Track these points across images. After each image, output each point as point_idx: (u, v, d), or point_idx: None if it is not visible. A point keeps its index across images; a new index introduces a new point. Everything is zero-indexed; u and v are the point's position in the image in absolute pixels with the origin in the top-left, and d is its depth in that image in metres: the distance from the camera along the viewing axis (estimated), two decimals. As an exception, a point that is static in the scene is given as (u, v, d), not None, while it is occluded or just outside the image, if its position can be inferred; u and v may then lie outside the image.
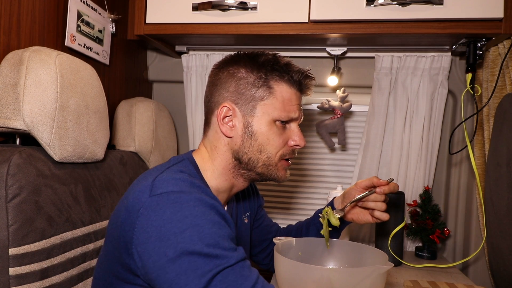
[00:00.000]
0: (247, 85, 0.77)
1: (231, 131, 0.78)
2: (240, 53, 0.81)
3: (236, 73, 0.78)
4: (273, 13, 1.22)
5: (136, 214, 0.64)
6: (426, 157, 1.40)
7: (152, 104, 1.33)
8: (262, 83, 0.77)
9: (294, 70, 0.79)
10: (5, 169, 0.73)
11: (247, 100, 0.77)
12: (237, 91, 0.77)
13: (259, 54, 0.80)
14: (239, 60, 0.80)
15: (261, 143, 0.78)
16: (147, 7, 1.29)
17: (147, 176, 0.71)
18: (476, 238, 1.33)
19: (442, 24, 1.15)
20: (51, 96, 0.81)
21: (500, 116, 1.08)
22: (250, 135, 0.77)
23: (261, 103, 0.77)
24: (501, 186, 1.04)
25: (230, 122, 0.78)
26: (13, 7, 0.90)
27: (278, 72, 0.77)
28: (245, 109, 0.77)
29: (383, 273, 0.70)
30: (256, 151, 0.78)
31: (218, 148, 0.80)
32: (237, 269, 0.62)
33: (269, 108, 0.77)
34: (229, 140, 0.79)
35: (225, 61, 0.82)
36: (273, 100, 0.77)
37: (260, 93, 0.77)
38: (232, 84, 0.78)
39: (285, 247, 0.85)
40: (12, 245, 0.72)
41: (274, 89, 0.77)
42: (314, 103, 1.55)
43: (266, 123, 0.77)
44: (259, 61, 0.78)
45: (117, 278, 0.67)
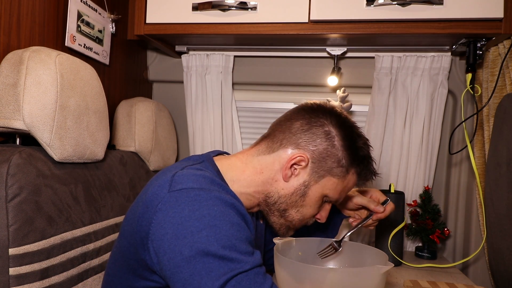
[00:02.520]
0: (334, 157, 0.76)
1: (289, 178, 0.76)
2: (346, 119, 0.79)
3: (333, 140, 0.76)
4: (273, 13, 1.22)
5: (154, 209, 0.63)
6: (426, 157, 1.40)
7: (152, 104, 1.33)
8: (343, 165, 0.76)
9: (370, 169, 0.80)
10: (5, 169, 0.73)
11: (323, 167, 0.76)
12: (322, 154, 0.75)
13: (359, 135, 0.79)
14: (342, 125, 0.77)
15: (304, 205, 0.78)
16: (147, 7, 1.29)
17: (166, 172, 0.70)
18: (476, 238, 1.33)
19: (442, 24, 1.15)
20: (51, 96, 0.81)
21: (500, 116, 1.08)
22: (302, 194, 0.77)
23: (329, 177, 0.76)
24: (501, 186, 1.04)
25: (295, 171, 0.76)
26: (13, 7, 0.90)
27: (360, 168, 0.78)
28: (316, 172, 0.76)
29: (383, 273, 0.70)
30: (295, 209, 0.78)
31: (263, 175, 0.78)
32: (251, 275, 0.61)
33: (331, 185, 0.77)
34: (281, 181, 0.77)
35: (329, 111, 0.78)
36: (339, 182, 0.77)
37: (336, 170, 0.76)
38: (323, 144, 0.75)
39: (285, 247, 0.85)
40: (12, 245, 0.72)
41: (348, 175, 0.78)
42: (314, 103, 1.55)
43: (320, 194, 0.77)
44: (356, 145, 0.77)
45: (133, 274, 0.67)
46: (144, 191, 0.69)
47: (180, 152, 1.66)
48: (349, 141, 0.77)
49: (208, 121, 1.51)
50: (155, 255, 0.62)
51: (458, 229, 1.42)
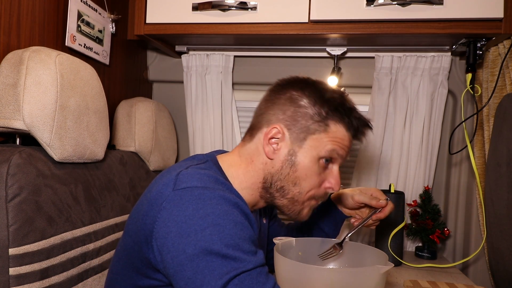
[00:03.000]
0: (306, 115, 0.75)
1: (273, 154, 0.76)
2: (308, 80, 0.79)
3: (298, 100, 0.76)
4: (273, 13, 1.22)
5: (158, 207, 0.63)
6: (426, 157, 1.40)
7: (152, 104, 1.33)
8: (320, 119, 0.75)
9: (356, 116, 0.77)
10: (5, 169, 0.73)
11: (300, 129, 0.75)
12: (293, 117, 0.75)
13: (327, 89, 0.77)
14: (305, 87, 0.77)
15: (299, 176, 0.75)
16: (147, 7, 1.29)
17: (171, 170, 0.70)
18: (476, 238, 1.33)
19: (442, 24, 1.15)
20: (51, 96, 0.81)
21: (500, 116, 1.08)
22: (291, 164, 0.75)
23: (312, 137, 0.75)
24: (501, 186, 1.04)
25: (276, 144, 0.76)
26: (13, 7, 0.90)
27: (340, 114, 0.75)
28: (296, 137, 0.75)
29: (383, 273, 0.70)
30: (291, 182, 0.76)
31: (254, 163, 0.78)
32: (254, 275, 0.61)
33: (318, 144, 0.75)
34: (268, 161, 0.77)
35: (290, 82, 0.79)
36: (324, 137, 0.75)
37: (315, 126, 0.74)
38: (290, 109, 0.75)
39: (285, 247, 0.85)
40: (12, 245, 0.72)
41: (330, 127, 0.75)
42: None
43: (310, 157, 0.75)
44: (325, 97, 0.76)
45: (137, 272, 0.67)
46: (149, 189, 0.70)
47: (180, 152, 1.66)
48: (315, 95, 0.76)
49: (208, 121, 1.51)
50: (158, 253, 0.62)
51: (458, 229, 1.42)
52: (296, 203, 0.78)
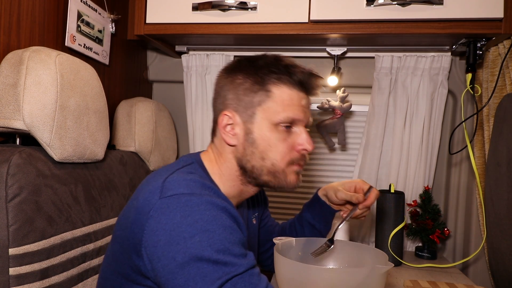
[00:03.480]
0: (245, 91, 0.74)
1: (233, 139, 0.76)
2: (241, 59, 0.79)
3: (235, 79, 0.76)
4: (273, 13, 1.22)
5: (146, 216, 0.63)
6: (426, 157, 1.40)
7: (152, 104, 1.33)
8: (259, 87, 0.74)
9: (294, 71, 0.75)
10: (5, 169, 0.73)
11: (246, 106, 0.74)
12: (236, 98, 0.75)
13: (259, 57, 0.77)
14: (239, 65, 0.77)
15: (263, 150, 0.74)
16: (147, 7, 1.29)
17: (157, 176, 0.69)
18: (476, 238, 1.33)
19: (442, 24, 1.15)
20: (51, 96, 0.81)
21: (500, 116, 1.08)
22: (252, 142, 0.75)
23: (259, 108, 0.74)
24: (501, 186, 1.04)
25: (232, 130, 0.76)
26: (13, 7, 0.90)
27: (275, 74, 0.74)
28: (245, 116, 0.75)
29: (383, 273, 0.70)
30: (259, 159, 0.75)
31: (223, 155, 0.78)
32: (246, 277, 0.61)
33: (269, 113, 0.74)
34: (233, 148, 0.77)
35: (225, 68, 0.80)
36: (271, 104, 0.74)
37: (258, 97, 0.74)
38: (230, 91, 0.76)
39: (285, 247, 0.85)
40: (12, 245, 0.72)
41: (272, 92, 0.74)
42: (314, 103, 1.55)
43: (267, 128, 0.74)
44: (257, 65, 0.75)
45: (126, 279, 0.67)
46: (135, 196, 0.69)
47: (180, 152, 1.66)
48: (247, 68, 0.76)
49: (208, 121, 1.51)
50: (149, 261, 0.62)
51: (458, 229, 1.42)
52: (276, 174, 0.76)
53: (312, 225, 1.00)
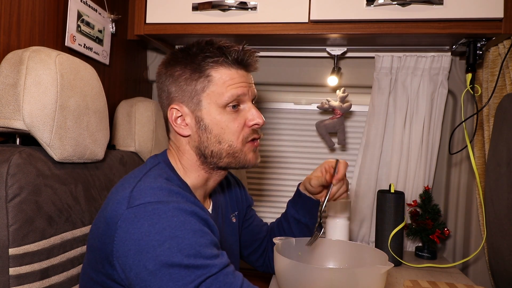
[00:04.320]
0: (186, 81, 0.76)
1: (186, 130, 0.77)
2: (175, 50, 0.80)
3: (174, 72, 0.77)
4: (273, 13, 1.22)
5: (114, 226, 0.64)
6: (426, 157, 1.40)
7: (152, 104, 1.33)
8: (199, 75, 0.75)
9: (228, 52, 0.75)
10: (5, 169, 0.73)
11: (190, 95, 0.75)
12: (179, 90, 0.76)
13: (192, 45, 0.78)
14: (174, 57, 0.78)
15: (217, 133, 0.76)
16: (147, 7, 1.29)
17: (125, 184, 0.70)
18: (476, 238, 1.33)
19: (442, 24, 1.15)
20: (51, 96, 0.81)
21: (500, 116, 1.08)
22: (204, 128, 0.76)
23: (204, 95, 0.75)
24: (501, 186, 1.04)
25: (183, 121, 0.77)
26: (13, 7, 0.90)
27: (211, 58, 0.75)
28: (192, 105, 0.76)
29: (383, 273, 0.70)
30: (216, 143, 0.76)
31: (180, 148, 0.80)
32: (220, 277, 0.62)
33: (213, 97, 0.75)
34: (188, 139, 0.78)
35: (162, 63, 0.81)
36: (214, 87, 0.75)
37: (200, 84, 0.75)
38: (172, 84, 0.77)
39: (285, 247, 0.85)
40: (12, 245, 0.72)
41: (212, 76, 0.75)
42: (314, 103, 1.55)
43: (216, 112, 0.75)
44: (192, 53, 0.76)
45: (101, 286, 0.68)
46: (105, 206, 0.70)
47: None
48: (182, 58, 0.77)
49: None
50: (122, 271, 0.63)
51: (458, 229, 1.42)
52: (235, 154, 0.77)
53: (297, 220, 1.01)
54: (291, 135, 1.61)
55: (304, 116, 1.60)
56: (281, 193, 1.64)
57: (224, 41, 0.78)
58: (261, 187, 1.65)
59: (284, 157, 1.62)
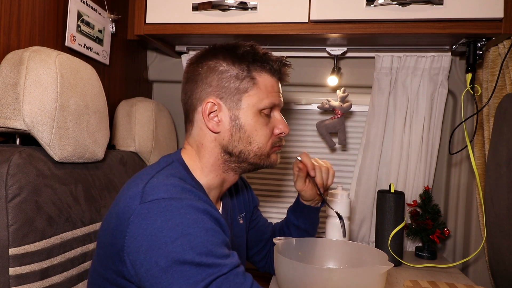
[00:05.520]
0: (230, 78, 0.76)
1: (218, 126, 0.77)
2: (216, 46, 0.80)
3: (218, 66, 0.77)
4: (273, 13, 1.22)
5: (126, 222, 0.63)
6: (426, 157, 1.40)
7: (152, 104, 1.34)
8: (245, 75, 0.77)
9: (273, 60, 0.79)
10: (5, 169, 0.73)
11: (231, 93, 0.76)
12: (220, 85, 0.77)
13: (237, 45, 0.79)
14: (218, 53, 0.79)
15: (250, 134, 0.78)
16: (147, 7, 1.29)
17: (137, 180, 0.70)
18: (476, 238, 1.33)
19: (442, 24, 1.15)
20: (51, 96, 0.81)
21: (500, 116, 1.08)
22: (239, 128, 0.77)
23: (246, 95, 0.77)
24: (501, 186, 1.04)
25: (216, 117, 0.77)
26: (13, 7, 0.90)
27: (259, 62, 0.78)
28: (231, 102, 0.77)
29: (383, 273, 0.70)
30: (246, 143, 0.78)
31: (205, 145, 0.79)
32: (230, 277, 0.62)
33: (254, 99, 0.77)
34: (216, 135, 0.78)
35: (202, 55, 0.81)
36: (257, 91, 0.77)
37: (244, 85, 0.77)
38: (214, 78, 0.77)
39: (285, 247, 0.85)
40: (12, 245, 0.72)
41: (257, 79, 0.77)
42: (314, 103, 1.55)
43: (252, 114, 0.77)
44: (239, 53, 0.78)
45: (110, 283, 0.67)
46: (116, 202, 0.69)
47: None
48: (229, 56, 0.78)
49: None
50: (132, 267, 0.63)
51: (458, 229, 1.42)
52: (262, 156, 0.81)
53: (297, 226, 1.03)
54: (291, 135, 1.61)
55: (304, 116, 1.60)
56: (282, 193, 1.64)
57: (266, 49, 0.81)
58: (261, 187, 1.65)
59: (284, 157, 1.62)
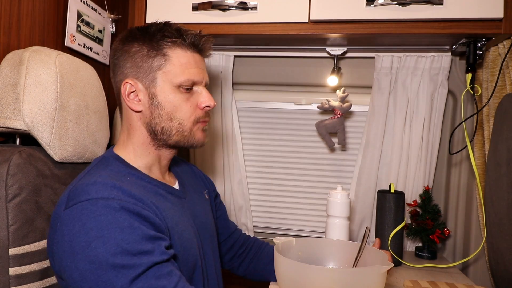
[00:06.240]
0: (143, 58, 0.77)
1: (138, 106, 0.79)
2: (132, 28, 0.82)
3: (130, 48, 0.78)
4: (273, 13, 1.22)
5: (54, 229, 0.66)
6: (426, 157, 1.40)
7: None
8: (156, 53, 0.77)
9: (186, 34, 0.79)
10: (5, 169, 0.73)
11: (146, 72, 0.77)
12: (134, 66, 0.78)
13: (149, 25, 0.80)
14: (131, 34, 0.80)
15: (169, 111, 0.78)
16: (147, 7, 1.29)
17: (68, 186, 0.72)
18: (476, 238, 1.33)
19: (442, 24, 1.15)
20: (51, 96, 0.81)
21: (500, 116, 1.08)
22: (157, 105, 0.78)
23: (160, 72, 0.77)
24: (501, 186, 1.04)
25: (136, 97, 0.78)
26: (13, 7, 0.90)
27: (169, 38, 0.77)
28: (146, 81, 0.77)
29: (383, 273, 0.70)
30: (167, 120, 0.78)
31: (132, 125, 0.81)
32: (148, 277, 0.62)
33: (169, 76, 0.77)
34: (139, 114, 0.79)
35: (119, 39, 0.82)
36: (170, 67, 0.77)
37: (157, 62, 0.77)
38: (128, 60, 0.78)
39: (285, 247, 0.85)
40: (12, 245, 0.72)
41: (169, 55, 0.77)
42: (314, 103, 1.55)
43: (169, 90, 0.77)
44: (150, 31, 0.78)
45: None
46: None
47: (179, 152, 1.66)
48: (141, 35, 0.78)
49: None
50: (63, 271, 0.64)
51: (458, 229, 1.42)
52: (184, 133, 0.80)
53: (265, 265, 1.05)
54: (291, 135, 1.61)
55: (304, 116, 1.60)
56: (281, 193, 1.64)
57: (180, 25, 0.81)
58: (261, 187, 1.65)
59: (284, 157, 1.62)
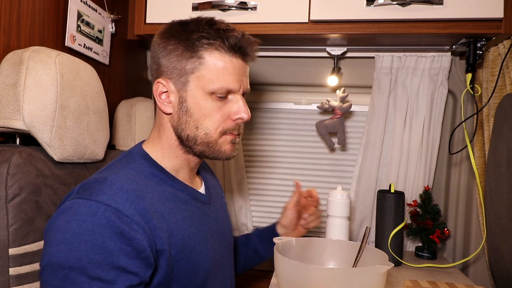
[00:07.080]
0: (177, 57, 0.71)
1: (168, 107, 0.74)
2: (173, 22, 0.75)
3: (167, 46, 0.72)
4: (273, 13, 1.22)
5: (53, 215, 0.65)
6: (426, 157, 1.40)
7: (152, 104, 1.33)
8: (191, 54, 0.70)
9: (228, 35, 0.70)
10: (5, 169, 0.73)
11: (179, 73, 0.71)
12: (169, 65, 0.72)
13: (190, 21, 0.73)
14: (171, 30, 0.73)
15: (197, 118, 0.72)
16: (147, 7, 1.29)
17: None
18: (476, 238, 1.33)
19: (442, 24, 1.15)
20: (51, 96, 0.81)
21: (500, 116, 1.08)
22: (185, 111, 0.72)
23: (193, 76, 0.71)
24: (501, 186, 1.04)
25: (167, 98, 0.74)
26: (13, 7, 0.90)
27: (206, 39, 0.69)
28: (178, 83, 0.72)
29: (383, 273, 0.70)
30: (193, 128, 0.72)
31: (163, 125, 0.76)
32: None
33: (202, 81, 0.70)
34: (169, 116, 0.75)
35: (159, 33, 0.75)
36: (205, 72, 0.70)
37: (191, 64, 0.70)
38: (164, 58, 0.72)
39: (285, 247, 0.85)
40: (12, 245, 0.72)
41: (205, 59, 0.70)
42: (314, 103, 1.55)
43: (200, 97, 0.71)
44: (189, 29, 0.71)
45: None
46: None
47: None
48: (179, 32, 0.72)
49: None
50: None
51: (458, 229, 1.42)
52: (210, 144, 0.74)
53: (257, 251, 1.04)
54: (291, 135, 1.61)
55: (304, 116, 1.60)
56: (280, 193, 1.64)
57: (226, 24, 0.73)
58: (261, 187, 1.65)
59: (284, 157, 1.62)
